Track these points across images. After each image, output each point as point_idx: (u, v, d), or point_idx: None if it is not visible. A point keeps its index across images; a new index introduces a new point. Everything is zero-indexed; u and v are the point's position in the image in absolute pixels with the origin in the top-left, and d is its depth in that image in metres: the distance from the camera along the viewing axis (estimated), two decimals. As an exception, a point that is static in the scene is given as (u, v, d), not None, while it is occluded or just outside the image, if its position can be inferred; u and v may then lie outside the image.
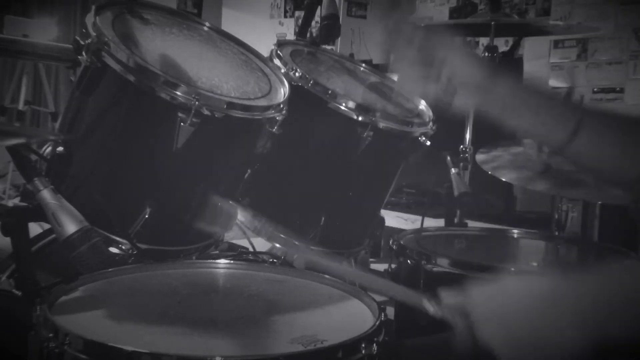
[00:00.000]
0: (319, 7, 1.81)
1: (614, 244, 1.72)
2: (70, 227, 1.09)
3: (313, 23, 1.83)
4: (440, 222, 2.18)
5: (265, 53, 1.61)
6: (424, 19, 4.90)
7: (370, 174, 1.64)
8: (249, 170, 1.51)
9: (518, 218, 3.47)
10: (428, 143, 1.62)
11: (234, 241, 1.91)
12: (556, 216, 2.44)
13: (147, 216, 1.29)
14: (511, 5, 4.38)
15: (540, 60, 4.26)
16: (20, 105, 4.54)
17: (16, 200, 3.50)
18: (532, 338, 0.71)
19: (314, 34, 1.81)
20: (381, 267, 2.30)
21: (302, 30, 1.82)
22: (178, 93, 1.22)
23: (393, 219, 3.43)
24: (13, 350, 1.11)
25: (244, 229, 1.64)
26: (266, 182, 1.59)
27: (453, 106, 1.00)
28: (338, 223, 1.61)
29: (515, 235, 1.85)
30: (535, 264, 1.68)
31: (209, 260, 1.30)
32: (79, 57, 1.29)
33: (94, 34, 1.25)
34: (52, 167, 1.33)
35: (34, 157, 1.31)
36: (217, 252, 1.57)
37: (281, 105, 1.39)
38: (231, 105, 1.29)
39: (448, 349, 0.96)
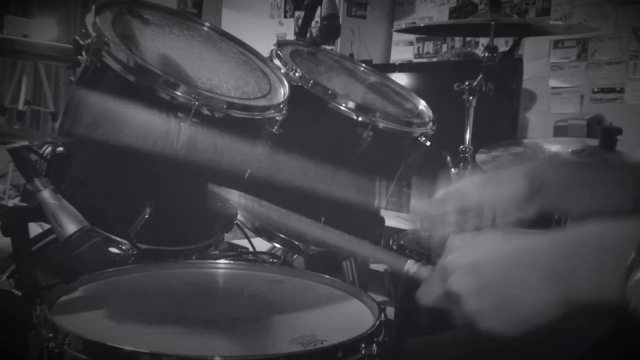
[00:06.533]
0: (319, 7, 1.81)
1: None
2: (70, 227, 1.09)
3: (313, 23, 1.83)
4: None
5: (265, 53, 1.61)
6: (424, 19, 4.90)
7: (370, 174, 1.64)
8: (249, 170, 1.51)
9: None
10: (428, 143, 1.61)
11: (234, 241, 1.91)
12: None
13: (147, 216, 1.29)
14: (511, 5, 4.38)
15: (540, 60, 4.25)
16: (20, 105, 4.54)
17: (16, 200, 3.50)
18: (503, 292, 0.70)
19: (314, 34, 1.81)
20: (381, 267, 2.31)
21: (302, 30, 1.82)
22: (178, 93, 1.22)
23: (393, 219, 3.43)
24: (13, 350, 1.11)
25: (244, 229, 1.64)
26: (266, 182, 1.59)
27: None
28: (338, 223, 1.61)
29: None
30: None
31: (208, 260, 1.30)
32: (79, 57, 1.29)
33: (94, 34, 1.25)
34: (52, 167, 1.33)
35: (34, 157, 1.31)
36: (217, 252, 1.57)
37: (281, 105, 1.39)
38: (231, 105, 1.29)
39: (448, 348, 0.96)
